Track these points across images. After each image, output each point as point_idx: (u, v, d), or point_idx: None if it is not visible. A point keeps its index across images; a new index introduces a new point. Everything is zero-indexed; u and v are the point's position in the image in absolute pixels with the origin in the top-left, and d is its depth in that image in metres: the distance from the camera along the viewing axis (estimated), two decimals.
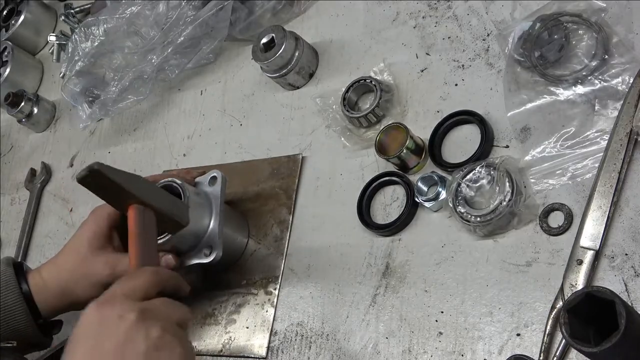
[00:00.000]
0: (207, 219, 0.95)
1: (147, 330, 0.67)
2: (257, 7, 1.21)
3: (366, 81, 1.02)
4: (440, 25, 1.03)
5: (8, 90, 1.54)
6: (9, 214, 1.50)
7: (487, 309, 0.81)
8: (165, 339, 0.68)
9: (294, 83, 1.13)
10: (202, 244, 0.95)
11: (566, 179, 0.82)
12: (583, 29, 0.87)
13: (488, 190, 0.84)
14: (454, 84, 0.97)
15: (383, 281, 0.90)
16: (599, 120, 0.82)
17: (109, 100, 1.31)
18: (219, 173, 0.99)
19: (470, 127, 0.92)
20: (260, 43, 1.11)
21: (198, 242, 0.95)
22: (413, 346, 0.84)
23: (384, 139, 0.95)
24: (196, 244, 0.95)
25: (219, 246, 0.94)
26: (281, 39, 1.08)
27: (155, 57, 1.26)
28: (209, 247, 0.94)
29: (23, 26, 1.68)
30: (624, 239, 0.76)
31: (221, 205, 0.96)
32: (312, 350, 0.92)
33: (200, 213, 0.95)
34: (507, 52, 0.91)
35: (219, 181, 0.98)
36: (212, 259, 0.93)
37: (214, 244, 0.94)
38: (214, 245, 0.94)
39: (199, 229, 0.95)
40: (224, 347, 0.99)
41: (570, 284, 0.75)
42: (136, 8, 1.26)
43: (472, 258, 0.85)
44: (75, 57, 1.34)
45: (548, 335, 0.74)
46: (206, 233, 0.95)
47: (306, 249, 0.99)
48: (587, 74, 0.84)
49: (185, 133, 1.28)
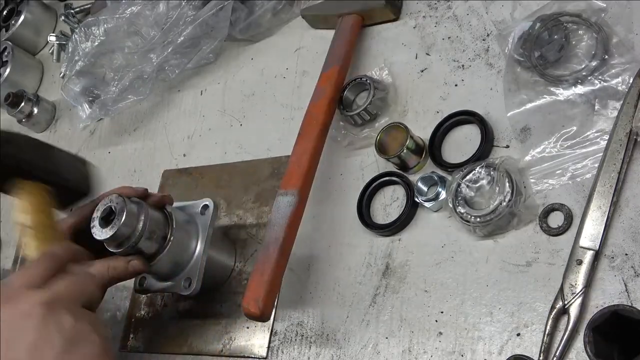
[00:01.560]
0: (192, 249, 0.95)
1: (58, 323, 0.62)
2: (257, 7, 1.21)
3: (362, 80, 1.02)
4: (440, 25, 1.03)
5: (8, 90, 1.53)
6: (9, 214, 1.50)
7: (487, 309, 0.81)
8: (79, 328, 0.63)
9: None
10: (183, 273, 0.95)
11: (566, 179, 0.82)
12: (583, 29, 0.87)
13: (488, 190, 0.84)
14: (454, 84, 0.97)
15: (383, 281, 0.90)
16: (598, 120, 0.82)
17: (109, 100, 1.31)
18: (210, 202, 0.98)
19: (470, 127, 0.92)
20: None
21: (179, 271, 0.95)
22: (413, 346, 0.84)
23: (384, 139, 0.95)
24: (177, 272, 0.95)
25: (198, 281, 0.93)
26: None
27: (155, 57, 1.26)
28: (188, 280, 0.94)
29: (23, 26, 1.68)
30: (624, 239, 0.76)
31: (208, 238, 0.95)
32: (312, 350, 0.92)
33: (186, 241, 0.94)
34: (507, 52, 0.91)
35: (209, 211, 0.97)
36: (189, 293, 0.93)
37: (194, 277, 0.93)
38: (194, 278, 0.93)
39: (182, 257, 0.94)
40: (224, 347, 0.99)
41: (570, 284, 0.75)
42: (136, 8, 1.26)
43: (472, 258, 0.85)
44: (75, 57, 1.34)
45: (548, 335, 0.74)
46: (189, 263, 0.95)
47: (306, 249, 0.99)
48: (587, 74, 0.84)
49: (185, 133, 1.28)
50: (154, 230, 0.90)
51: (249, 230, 1.07)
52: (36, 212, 0.75)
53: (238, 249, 1.06)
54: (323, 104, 1.01)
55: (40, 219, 0.74)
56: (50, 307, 0.63)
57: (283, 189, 0.95)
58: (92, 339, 0.64)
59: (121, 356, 1.09)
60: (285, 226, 0.91)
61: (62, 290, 0.66)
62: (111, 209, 0.87)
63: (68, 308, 0.64)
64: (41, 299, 0.63)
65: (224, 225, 1.10)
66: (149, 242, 0.90)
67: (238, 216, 1.10)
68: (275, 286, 0.89)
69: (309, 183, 0.96)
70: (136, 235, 0.88)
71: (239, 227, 1.08)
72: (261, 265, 0.89)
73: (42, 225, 0.74)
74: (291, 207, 0.92)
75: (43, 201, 0.76)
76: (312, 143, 0.97)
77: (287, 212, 0.92)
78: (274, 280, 0.89)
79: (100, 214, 0.88)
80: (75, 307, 0.65)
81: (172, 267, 0.94)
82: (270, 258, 0.89)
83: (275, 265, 0.88)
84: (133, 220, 0.88)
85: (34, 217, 0.74)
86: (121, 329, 1.11)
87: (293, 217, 0.92)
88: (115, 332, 1.11)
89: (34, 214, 0.74)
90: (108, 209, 0.88)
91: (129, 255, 0.89)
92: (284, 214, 0.92)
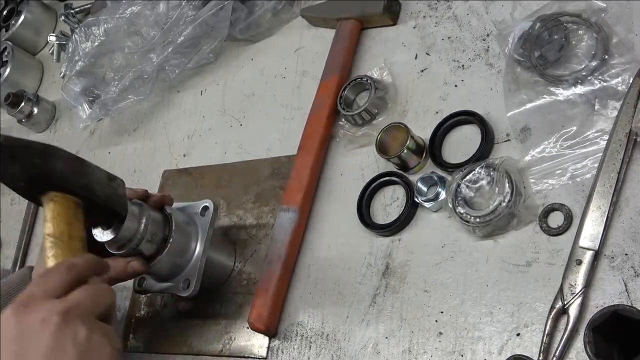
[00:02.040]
0: (192, 250, 0.95)
1: (74, 333, 0.63)
2: (257, 7, 1.21)
3: (362, 79, 1.02)
4: (440, 25, 1.03)
5: (8, 91, 1.54)
6: (9, 214, 1.50)
7: (487, 309, 0.81)
8: (93, 340, 0.64)
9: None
10: (182, 274, 0.95)
11: (566, 179, 0.82)
12: (583, 29, 0.87)
13: (487, 191, 0.84)
14: (454, 84, 0.97)
15: (383, 281, 0.90)
16: (598, 120, 0.82)
17: (109, 100, 1.31)
18: (210, 204, 0.97)
19: (470, 127, 0.92)
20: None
21: (179, 272, 0.95)
22: (413, 346, 0.84)
23: (384, 139, 0.95)
24: (176, 273, 0.95)
25: (197, 283, 0.93)
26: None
27: (155, 56, 1.26)
28: (187, 281, 0.94)
29: (23, 26, 1.68)
30: (624, 239, 0.76)
31: (207, 240, 0.95)
32: (312, 350, 0.92)
33: (185, 242, 0.94)
34: (507, 52, 0.91)
35: (209, 212, 0.97)
36: (187, 294, 0.93)
37: (192, 279, 0.93)
38: (192, 280, 0.93)
39: (182, 258, 0.94)
40: (224, 347, 0.99)
41: (569, 284, 0.75)
42: (136, 8, 1.26)
43: (472, 258, 0.85)
44: (75, 57, 1.34)
45: (547, 335, 0.74)
46: (188, 264, 0.95)
47: (306, 249, 0.99)
48: (587, 74, 0.84)
49: (185, 133, 1.28)
50: (155, 233, 0.90)
51: (249, 231, 1.07)
52: (62, 222, 0.74)
53: (238, 249, 1.06)
54: (322, 116, 1.03)
55: (66, 230, 0.74)
56: (66, 317, 0.63)
57: (285, 205, 1.00)
58: (105, 352, 0.65)
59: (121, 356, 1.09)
60: (287, 243, 0.96)
61: (79, 301, 0.66)
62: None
63: (83, 319, 0.65)
64: (58, 309, 0.64)
65: (224, 225, 1.10)
66: (150, 244, 0.90)
67: (238, 216, 1.10)
68: (279, 302, 0.95)
69: (310, 197, 1.01)
70: (137, 238, 0.88)
71: (239, 227, 1.08)
72: (265, 282, 0.95)
73: (66, 236, 0.73)
74: (293, 224, 0.97)
75: (71, 213, 0.75)
76: (313, 156, 1.01)
77: (289, 229, 0.97)
78: (278, 296, 0.95)
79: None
80: (90, 319, 0.66)
81: (172, 268, 0.94)
82: (274, 275, 0.94)
83: (279, 282, 0.95)
84: (134, 223, 0.88)
85: (59, 228, 0.73)
86: (121, 329, 1.11)
87: (294, 234, 0.97)
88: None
89: (59, 225, 0.73)
90: None
91: (129, 257, 0.90)
92: (286, 230, 0.97)
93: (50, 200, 0.74)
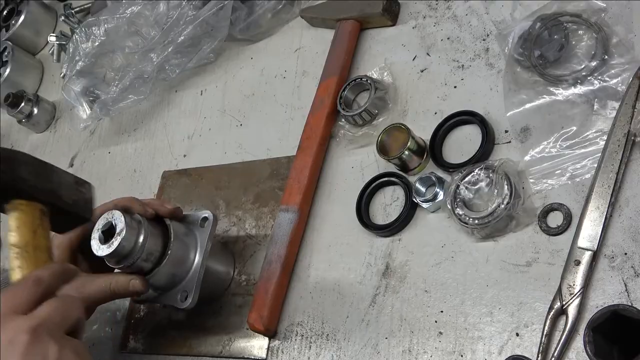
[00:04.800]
0: (190, 261, 0.94)
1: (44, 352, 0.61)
2: (257, 6, 1.21)
3: (362, 80, 1.02)
4: (440, 25, 1.03)
5: (8, 91, 1.54)
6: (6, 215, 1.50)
7: (487, 309, 0.81)
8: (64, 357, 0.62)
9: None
10: (180, 286, 0.94)
11: (565, 179, 0.82)
12: (583, 29, 0.87)
13: (486, 192, 0.84)
14: (453, 84, 0.97)
15: (383, 281, 0.90)
16: (598, 120, 0.82)
17: (109, 100, 1.31)
18: (210, 215, 0.97)
19: (470, 128, 0.92)
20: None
21: (177, 282, 0.94)
22: (413, 346, 0.84)
23: (385, 140, 0.95)
24: (175, 284, 0.95)
25: (195, 295, 0.92)
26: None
27: (155, 56, 1.26)
28: (185, 293, 0.93)
29: (23, 26, 1.68)
30: (623, 239, 0.76)
31: (206, 253, 0.95)
32: (312, 351, 0.92)
33: (184, 254, 0.94)
34: (507, 52, 0.91)
35: (208, 223, 0.96)
36: (185, 307, 0.92)
37: (190, 292, 0.93)
38: (190, 292, 0.93)
39: (180, 270, 0.94)
40: (224, 348, 0.99)
41: (568, 285, 0.75)
42: (136, 8, 1.26)
43: (472, 258, 0.85)
44: (75, 57, 1.34)
45: (546, 336, 0.74)
46: (187, 274, 0.94)
47: (306, 249, 0.99)
48: (586, 74, 0.84)
49: (185, 133, 1.28)
50: (151, 252, 0.90)
51: (248, 232, 1.07)
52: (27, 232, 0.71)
53: (237, 250, 1.06)
54: (322, 116, 1.04)
55: (31, 239, 0.71)
56: (35, 335, 0.61)
57: (284, 205, 1.00)
58: None
59: (121, 357, 1.09)
60: (287, 243, 0.96)
61: (46, 316, 0.64)
62: (112, 224, 0.88)
63: (53, 335, 0.63)
64: (26, 326, 0.62)
65: (223, 227, 1.10)
66: (146, 262, 0.91)
67: (237, 217, 1.10)
68: (278, 302, 0.95)
69: (309, 197, 1.01)
70: (134, 255, 0.88)
71: (238, 228, 1.08)
72: (264, 283, 0.95)
73: (31, 246, 0.71)
74: (292, 224, 0.97)
75: (36, 221, 0.72)
76: (312, 157, 1.02)
77: (288, 229, 0.97)
78: (277, 297, 0.95)
79: (100, 228, 0.88)
80: (60, 335, 0.64)
81: (170, 279, 0.94)
82: (273, 275, 0.95)
83: (278, 283, 0.95)
84: (132, 240, 0.88)
85: (24, 237, 0.71)
86: (121, 329, 1.11)
87: (294, 234, 0.97)
88: (115, 333, 1.12)
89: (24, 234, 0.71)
90: (109, 224, 0.88)
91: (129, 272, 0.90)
92: (285, 231, 0.97)
93: (14, 208, 0.72)
